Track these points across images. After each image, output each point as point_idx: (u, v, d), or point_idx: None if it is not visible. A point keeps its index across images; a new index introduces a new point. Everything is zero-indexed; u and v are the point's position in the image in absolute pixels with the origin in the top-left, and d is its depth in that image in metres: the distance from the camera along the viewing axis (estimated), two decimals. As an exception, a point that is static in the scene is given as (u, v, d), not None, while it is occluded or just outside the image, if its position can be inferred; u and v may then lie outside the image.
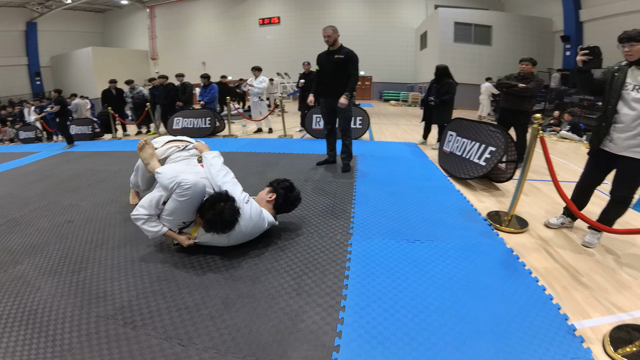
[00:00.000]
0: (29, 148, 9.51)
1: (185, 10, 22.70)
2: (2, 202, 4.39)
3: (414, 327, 1.71)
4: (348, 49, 4.24)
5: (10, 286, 2.41)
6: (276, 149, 6.07)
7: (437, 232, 2.70)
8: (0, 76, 20.41)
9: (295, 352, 1.59)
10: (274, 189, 2.69)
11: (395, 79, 19.68)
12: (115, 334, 1.81)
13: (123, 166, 5.72)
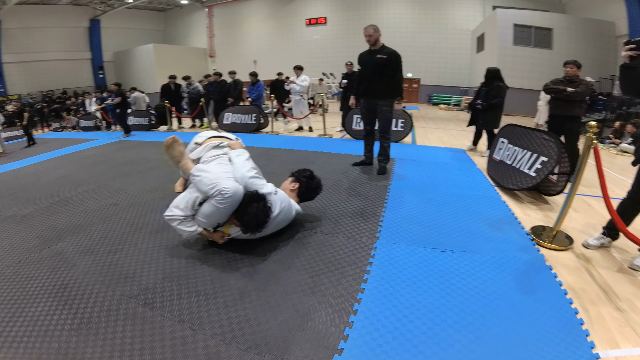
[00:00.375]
0: (87, 135, 10.45)
1: (240, 9, 23.44)
2: (57, 183, 4.85)
3: (425, 340, 1.63)
4: (391, 49, 4.11)
5: (49, 261, 2.65)
6: (315, 148, 6.09)
7: (473, 244, 2.55)
8: (66, 69, 22.26)
9: (298, 350, 1.59)
10: (296, 178, 2.81)
11: (446, 82, 18.94)
12: (133, 312, 1.92)
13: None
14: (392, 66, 4.07)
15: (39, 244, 3.00)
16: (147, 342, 1.70)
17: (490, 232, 2.75)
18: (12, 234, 3.32)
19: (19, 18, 19.41)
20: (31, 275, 2.48)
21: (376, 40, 4.08)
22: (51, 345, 1.72)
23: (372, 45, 4.13)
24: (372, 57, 4.13)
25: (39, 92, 20.96)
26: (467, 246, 2.51)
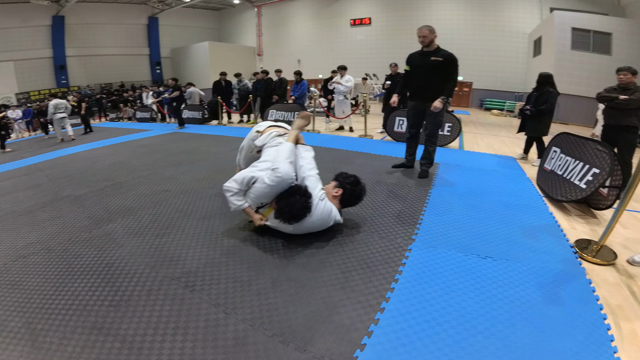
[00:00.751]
0: (143, 126, 11.23)
1: (286, 9, 23.78)
2: (112, 168, 5.28)
3: (451, 344, 1.62)
4: (447, 52, 3.97)
5: (98, 241, 2.89)
6: (354, 148, 6.10)
7: (515, 252, 2.47)
8: (124, 63, 23.67)
9: (321, 341, 1.64)
10: (340, 184, 2.75)
11: (500, 87, 18.04)
12: (173, 293, 2.07)
13: (223, 148, 6.39)
14: (447, 69, 3.93)
15: (90, 224, 3.27)
16: (182, 321, 1.83)
17: (533, 242, 2.65)
18: (65, 213, 3.65)
19: (81, 15, 20.93)
20: (79, 253, 2.72)
21: (431, 41, 3.97)
22: (88, 319, 1.89)
23: (426, 46, 4.02)
24: (426, 59, 4.01)
25: (98, 84, 22.52)
26: (508, 254, 2.44)
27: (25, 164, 7.04)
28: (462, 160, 5.31)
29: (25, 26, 19.13)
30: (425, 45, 4.01)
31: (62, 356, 1.64)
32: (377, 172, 4.53)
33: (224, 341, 1.67)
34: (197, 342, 1.67)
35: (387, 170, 4.60)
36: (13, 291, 2.26)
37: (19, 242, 3.07)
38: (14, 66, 19.38)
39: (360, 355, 1.56)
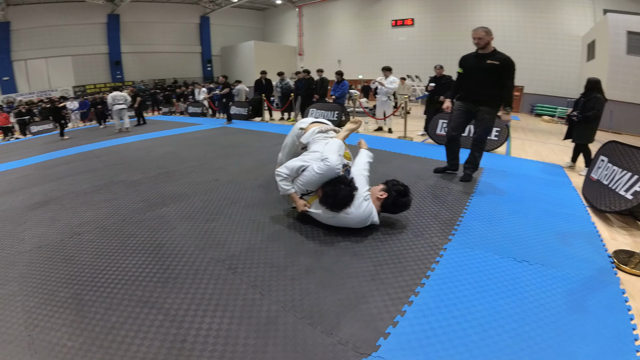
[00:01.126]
0: (194, 120, 11.97)
1: (326, 9, 23.96)
2: (165, 157, 5.71)
3: (476, 341, 1.63)
4: (504, 55, 3.80)
5: (151, 222, 3.15)
6: (392, 149, 6.09)
7: (551, 258, 2.42)
8: (177, 61, 24.95)
9: (347, 327, 1.72)
10: (387, 189, 2.76)
11: (552, 92, 17.07)
12: (217, 274, 2.24)
13: (265, 143, 6.73)
14: (504, 73, 3.79)
15: (144, 207, 3.56)
16: (222, 299, 1.98)
17: (571, 249, 2.58)
18: (120, 195, 3.99)
19: (135, 13, 22.24)
20: (132, 232, 2.97)
21: (487, 44, 3.82)
22: (135, 293, 2.08)
23: (481, 48, 3.86)
24: (481, 63, 3.86)
25: (152, 80, 23.87)
26: (544, 260, 2.39)
27: (81, 150, 7.70)
28: (508, 166, 5.16)
29: (82, 24, 20.68)
30: (480, 47, 3.85)
31: (105, 325, 1.82)
32: (416, 173, 4.51)
33: (257, 319, 1.80)
34: (234, 318, 1.82)
35: (426, 172, 4.55)
36: (66, 265, 2.51)
37: (75, 221, 3.39)
38: (72, 61, 21.03)
39: (383, 343, 1.62)
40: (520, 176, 4.51)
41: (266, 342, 1.64)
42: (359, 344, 1.61)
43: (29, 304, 2.07)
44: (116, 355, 1.60)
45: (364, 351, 1.57)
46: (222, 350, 1.60)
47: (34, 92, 19.74)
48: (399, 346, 1.60)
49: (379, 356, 1.54)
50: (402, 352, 1.57)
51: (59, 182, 4.97)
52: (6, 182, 5.44)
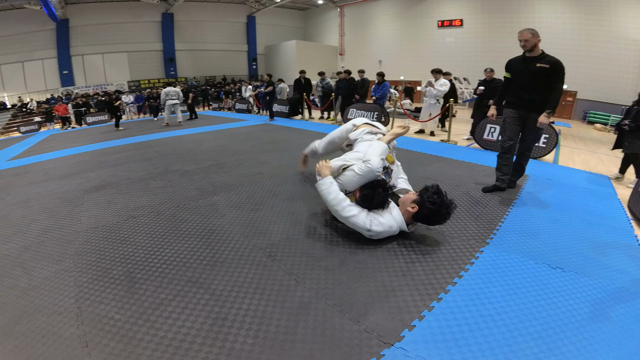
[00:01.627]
0: (240, 116, 12.57)
1: (368, 9, 23.82)
2: (216, 150, 6.21)
3: (500, 340, 1.67)
4: (554, 58, 3.60)
5: (204, 209, 3.42)
6: (434, 152, 6.03)
7: (586, 267, 2.38)
8: (226, 58, 26.00)
9: (374, 317, 1.82)
10: (419, 203, 2.51)
11: (607, 99, 15.98)
12: (259, 260, 2.43)
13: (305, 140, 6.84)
14: (554, 77, 3.54)
15: (197, 195, 3.86)
16: (261, 284, 2.15)
17: (607, 259, 2.51)
18: (175, 183, 4.33)
19: (188, 12, 23.37)
20: (185, 218, 3.23)
21: (534, 46, 3.62)
22: (185, 274, 2.29)
23: (529, 51, 3.67)
24: (529, 66, 3.67)
25: (203, 76, 25.00)
26: (579, 268, 2.36)
27: (136, 140, 8.33)
28: (554, 174, 4.98)
29: (138, 22, 22.06)
30: (527, 50, 3.67)
31: (153, 301, 2.02)
32: (457, 177, 4.44)
33: (290, 304, 1.95)
34: (270, 301, 1.97)
35: (468, 177, 4.48)
36: (121, 245, 2.78)
37: (131, 204, 3.72)
38: (127, 57, 22.48)
39: (407, 334, 1.70)
40: (565, 185, 4.35)
41: (297, 324, 1.78)
42: (383, 333, 1.70)
43: (82, 279, 2.31)
44: (161, 329, 1.79)
45: (387, 340, 1.65)
46: (257, 329, 1.75)
47: (91, 85, 21.41)
48: (422, 339, 1.67)
49: (401, 347, 1.62)
50: (424, 345, 1.63)
51: (115, 169, 5.42)
52: (65, 167, 6.00)
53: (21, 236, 3.14)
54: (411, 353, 1.59)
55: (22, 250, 2.84)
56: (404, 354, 1.58)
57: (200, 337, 1.72)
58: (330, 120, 10.66)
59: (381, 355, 1.57)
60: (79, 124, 15.08)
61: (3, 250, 2.85)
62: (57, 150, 8.15)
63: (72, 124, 15.02)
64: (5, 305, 2.08)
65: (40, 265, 2.56)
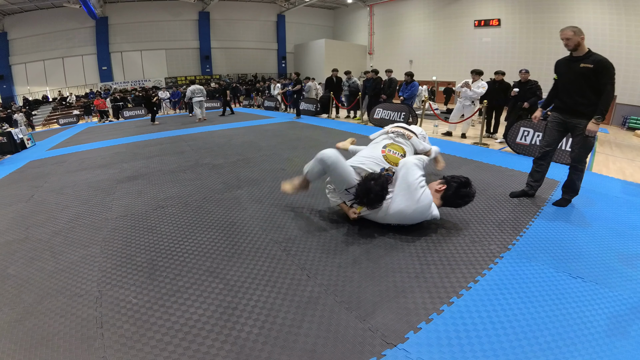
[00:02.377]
0: (268, 113, 12.92)
1: (399, 9, 23.38)
2: (243, 146, 6.47)
3: (506, 348, 1.62)
4: (600, 56, 3.28)
5: (228, 202, 3.56)
6: (464, 154, 5.86)
7: (608, 278, 2.27)
8: (257, 56, 26.44)
9: (381, 316, 1.82)
10: (446, 181, 2.74)
11: (651, 104, 15.03)
12: (274, 254, 2.51)
13: (330, 139, 7.07)
14: (600, 78, 3.22)
15: (223, 188, 4.03)
16: (274, 276, 2.21)
17: (632, 271, 2.37)
18: (204, 177, 4.53)
19: (223, 11, 23.95)
20: (210, 210, 3.38)
21: (577, 45, 3.33)
22: (204, 264, 2.39)
23: (573, 50, 3.39)
24: (574, 66, 3.36)
25: (235, 74, 25.54)
26: (599, 279, 2.25)
27: (171, 135, 8.72)
28: (586, 182, 4.67)
29: (176, 20, 22.81)
30: (571, 49, 3.40)
31: (171, 288, 2.12)
32: (486, 181, 4.31)
33: (300, 298, 1.99)
34: (280, 294, 2.02)
35: (498, 180, 4.36)
36: (146, 234, 2.93)
37: (161, 195, 3.90)
38: (165, 54, 23.32)
39: (412, 336, 1.69)
40: (596, 194, 4.15)
41: (303, 318, 1.82)
42: (387, 333, 1.70)
43: (106, 265, 2.46)
44: (174, 315, 1.88)
45: (390, 341, 1.66)
46: (264, 320, 1.81)
47: (129, 81, 22.33)
48: (427, 341, 1.66)
49: (403, 348, 1.62)
50: (427, 348, 1.62)
51: (149, 161, 5.70)
52: (100, 158, 6.35)
53: (53, 222, 3.36)
54: (413, 355, 1.58)
55: (53, 235, 3.05)
56: (405, 356, 1.58)
57: (210, 324, 1.79)
58: (356, 119, 10.63)
59: (382, 355, 1.58)
60: (117, 118, 15.79)
61: (36, 235, 3.06)
62: (94, 142, 8.64)
63: (110, 118, 15.74)
64: (32, 286, 2.25)
65: (68, 250, 2.74)
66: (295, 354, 1.58)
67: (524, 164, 5.08)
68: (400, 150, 3.04)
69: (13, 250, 2.80)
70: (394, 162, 2.88)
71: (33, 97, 19.69)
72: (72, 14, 19.21)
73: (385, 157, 2.91)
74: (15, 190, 4.71)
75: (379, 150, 2.99)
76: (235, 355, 1.58)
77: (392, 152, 2.98)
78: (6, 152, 8.33)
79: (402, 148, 3.09)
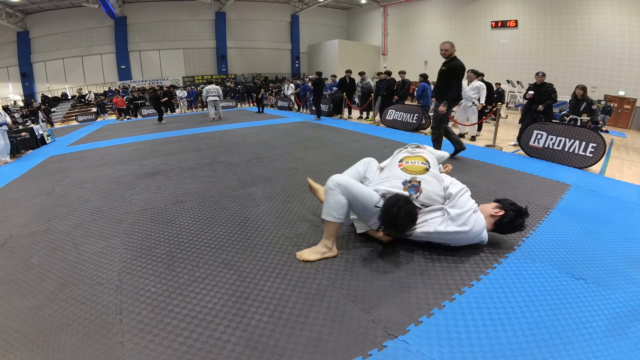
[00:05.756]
0: (282, 113, 13.15)
1: (414, 9, 23.36)
2: (257, 144, 6.68)
3: (503, 344, 1.66)
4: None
5: (242, 198, 3.72)
6: (476, 157, 5.84)
7: (610, 280, 2.28)
8: (271, 56, 26.78)
9: (384, 310, 1.91)
10: (503, 206, 2.56)
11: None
12: (285, 248, 2.63)
13: (342, 139, 7.26)
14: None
15: (238, 185, 4.20)
16: (284, 269, 2.33)
17: (637, 274, 2.38)
18: (220, 174, 4.72)
19: (239, 11, 24.36)
20: (226, 205, 3.53)
21: (451, 54, 4.79)
22: (220, 256, 2.53)
23: None
24: None
25: (250, 73, 25.85)
26: (602, 281, 2.27)
27: (188, 133, 9.00)
28: (598, 186, 4.67)
29: (194, 20, 23.29)
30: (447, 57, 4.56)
31: (189, 279, 2.25)
32: (496, 182, 4.34)
33: (308, 290, 2.09)
34: (289, 286, 2.13)
35: (508, 183, 4.36)
36: (166, 227, 3.08)
37: (179, 191, 4.08)
38: (183, 54, 23.78)
39: (413, 329, 1.76)
40: (608, 198, 4.12)
41: (310, 309, 1.92)
42: (390, 325, 1.78)
43: (127, 256, 2.60)
44: (191, 303, 2.00)
45: (392, 332, 1.74)
46: (273, 309, 1.92)
47: (147, 80, 22.84)
48: (427, 334, 1.74)
49: (404, 340, 1.70)
50: (427, 340, 1.70)
51: (167, 158, 5.92)
52: (120, 154, 6.58)
53: (75, 214, 3.54)
54: (412, 347, 1.66)
55: (75, 227, 3.21)
56: (405, 347, 1.65)
57: (223, 312, 1.91)
58: (368, 120, 10.69)
59: (384, 345, 1.66)
60: (135, 116, 16.18)
61: (59, 227, 3.23)
62: (113, 139, 8.93)
63: (128, 116, 16.14)
64: (54, 274, 2.39)
65: (89, 241, 2.89)
66: (301, 342, 1.67)
67: (538, 168, 5.08)
68: (420, 158, 2.78)
69: (36, 241, 2.95)
70: (416, 171, 2.64)
71: (52, 94, 20.28)
72: (92, 14, 19.77)
73: (404, 169, 2.66)
74: (37, 184, 4.92)
75: (396, 165, 2.75)
76: (245, 341, 1.69)
77: (410, 162, 2.73)
78: (28, 147, 8.65)
79: (422, 156, 2.81)
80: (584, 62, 15.75)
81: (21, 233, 3.15)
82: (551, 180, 4.49)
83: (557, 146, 5.81)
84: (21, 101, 19.39)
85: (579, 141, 5.63)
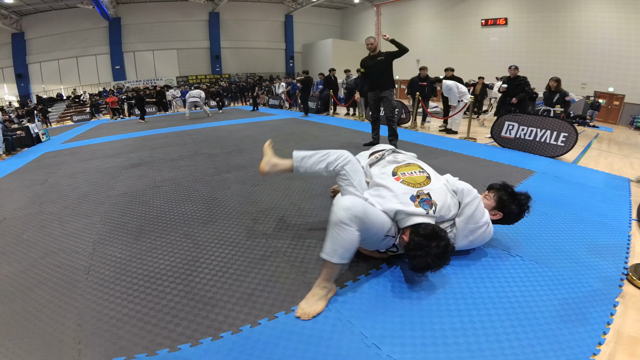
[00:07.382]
0: (272, 111, 13.51)
1: (406, 9, 23.58)
2: (242, 139, 7.04)
3: (397, 315, 1.85)
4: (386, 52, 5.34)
5: (215, 183, 4.04)
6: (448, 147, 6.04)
7: (552, 259, 2.28)
8: (266, 56, 27.00)
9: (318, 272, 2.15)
10: (501, 208, 2.32)
11: (660, 104, 14.81)
12: (243, 222, 2.96)
13: (322, 133, 7.67)
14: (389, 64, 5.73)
15: (214, 172, 4.52)
16: (238, 239, 2.61)
17: (583, 256, 2.37)
18: (200, 163, 5.05)
19: (233, 11, 24.53)
20: (198, 189, 3.84)
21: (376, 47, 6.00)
22: (182, 229, 2.80)
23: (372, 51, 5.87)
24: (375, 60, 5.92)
25: (244, 73, 26.04)
26: (541, 258, 2.26)
27: (177, 129, 9.33)
28: (566, 173, 4.70)
29: (187, 20, 23.46)
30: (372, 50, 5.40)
31: (150, 246, 2.53)
32: (455, 168, 4.49)
33: (254, 255, 2.36)
34: (239, 251, 2.41)
35: (467, 168, 4.55)
36: (140, 207, 3.39)
37: (158, 178, 4.39)
38: (177, 54, 23.99)
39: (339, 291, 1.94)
40: (573, 184, 4.16)
41: (252, 270, 2.16)
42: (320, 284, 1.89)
43: (103, 230, 2.90)
44: (147, 264, 2.28)
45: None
46: (218, 270, 2.17)
47: (141, 80, 23.05)
48: (351, 296, 1.90)
49: (336, 299, 1.88)
50: (351, 299, 1.88)
51: (153, 151, 6.23)
52: (111, 149, 6.87)
53: (64, 199, 3.86)
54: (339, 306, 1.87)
55: (63, 208, 3.54)
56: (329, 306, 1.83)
57: (172, 271, 2.17)
58: (354, 116, 10.96)
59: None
60: (129, 115, 16.41)
61: (49, 209, 3.55)
62: (106, 136, 9.24)
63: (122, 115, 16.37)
64: (39, 246, 2.69)
65: (74, 219, 3.22)
66: (236, 296, 1.91)
67: (507, 157, 5.29)
68: (414, 167, 2.36)
69: (28, 221, 3.27)
70: (419, 183, 2.21)
71: (47, 95, 20.52)
72: (86, 15, 19.99)
73: (404, 182, 2.18)
74: (32, 176, 5.24)
75: (392, 180, 2.21)
76: (185, 294, 1.94)
77: (408, 174, 2.27)
78: (24, 145, 8.96)
79: (415, 164, 2.41)
80: (573, 59, 16.01)
81: (15, 215, 3.46)
82: (516, 168, 4.63)
83: (528, 136, 5.99)
84: (17, 102, 19.62)
85: (550, 131, 5.79)
